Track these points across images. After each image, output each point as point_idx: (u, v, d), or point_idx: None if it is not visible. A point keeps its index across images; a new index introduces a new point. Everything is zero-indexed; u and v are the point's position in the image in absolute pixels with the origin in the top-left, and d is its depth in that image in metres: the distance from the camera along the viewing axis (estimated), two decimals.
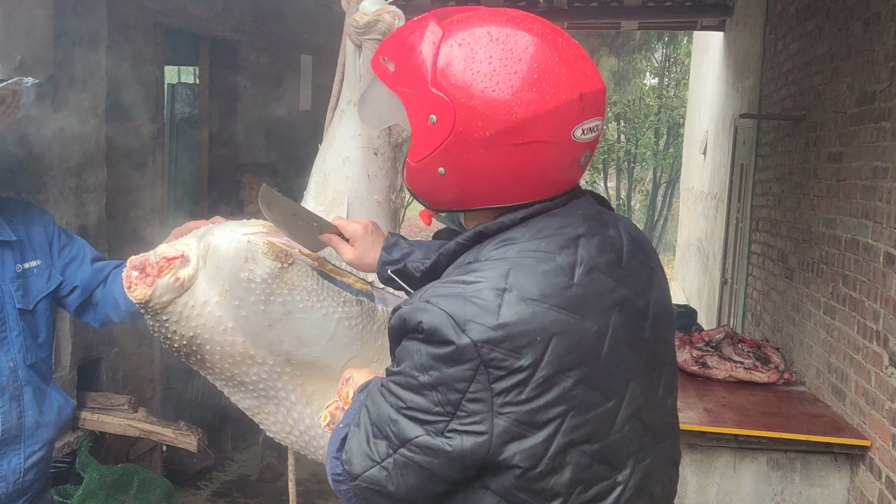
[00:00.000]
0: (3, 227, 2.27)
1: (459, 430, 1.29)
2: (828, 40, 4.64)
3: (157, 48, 4.60)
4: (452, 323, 1.27)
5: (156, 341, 4.72)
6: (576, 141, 1.34)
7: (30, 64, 3.29)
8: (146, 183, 4.60)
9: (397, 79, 1.39)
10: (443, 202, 1.44)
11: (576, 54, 1.35)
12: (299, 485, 5.15)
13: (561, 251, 1.34)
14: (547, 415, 1.30)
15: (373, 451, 1.35)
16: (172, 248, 1.99)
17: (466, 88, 1.30)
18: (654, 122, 20.91)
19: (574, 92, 1.31)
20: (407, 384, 1.32)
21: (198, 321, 1.97)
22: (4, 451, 2.26)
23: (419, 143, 1.38)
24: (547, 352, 1.28)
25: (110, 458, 4.03)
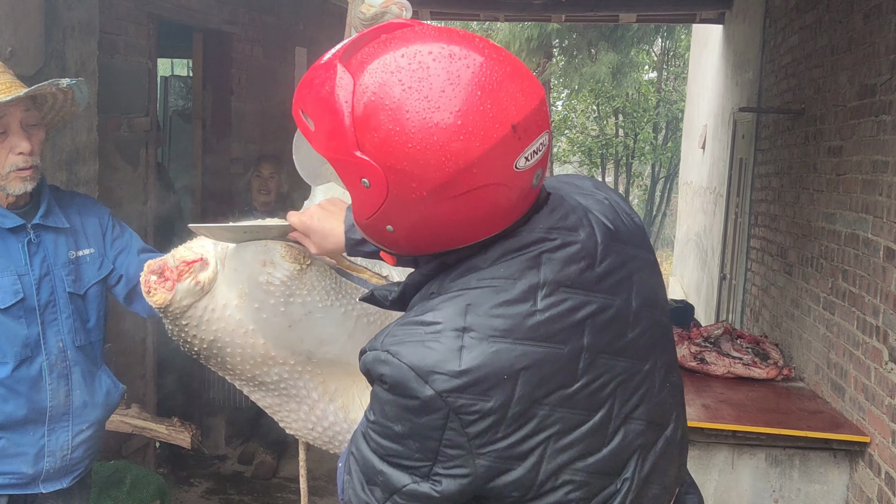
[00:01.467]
0: (59, 216, 2.41)
1: (443, 474, 1.28)
2: (828, 33, 4.60)
3: (150, 40, 4.55)
4: (415, 376, 1.24)
5: (149, 337, 4.70)
6: (520, 171, 1.24)
7: (21, 55, 3.25)
8: (139, 176, 4.56)
9: (320, 141, 1.29)
10: (402, 251, 1.38)
11: (501, 77, 1.22)
12: (294, 482, 5.14)
13: (522, 275, 1.29)
14: (528, 445, 1.28)
15: (370, 498, 1.34)
16: (191, 252, 1.99)
17: (390, 150, 1.20)
18: (652, 116, 20.90)
19: (505, 126, 1.20)
20: (384, 433, 1.30)
21: (218, 324, 1.98)
22: (53, 427, 2.38)
23: (359, 205, 1.32)
24: (516, 388, 1.25)
25: (103, 454, 4.00)
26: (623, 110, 21.13)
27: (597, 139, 21.46)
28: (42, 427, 2.36)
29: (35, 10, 3.34)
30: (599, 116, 21.44)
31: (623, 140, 21.54)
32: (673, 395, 1.48)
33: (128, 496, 3.70)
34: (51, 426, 2.38)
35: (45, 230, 2.37)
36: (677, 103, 19.73)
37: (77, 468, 2.47)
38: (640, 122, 20.93)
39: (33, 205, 2.37)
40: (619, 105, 20.77)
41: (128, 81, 4.38)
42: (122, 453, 4.32)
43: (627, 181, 22.01)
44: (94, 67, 3.84)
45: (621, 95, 19.81)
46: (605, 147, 21.47)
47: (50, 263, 2.37)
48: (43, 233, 2.37)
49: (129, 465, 3.86)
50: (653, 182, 21.85)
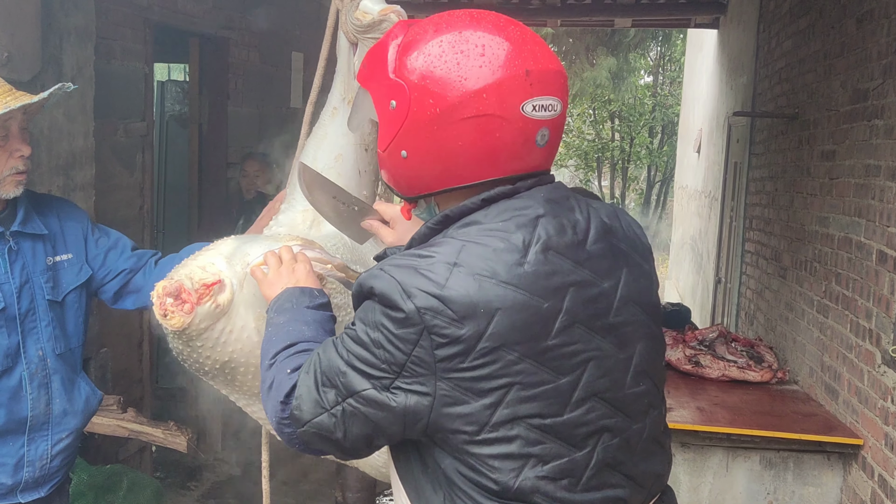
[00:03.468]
0: (37, 222, 2.37)
1: (403, 388, 1.36)
2: (821, 38, 4.62)
3: (147, 45, 4.57)
4: (400, 289, 1.35)
5: (145, 341, 4.71)
6: (526, 116, 1.39)
7: (18, 60, 3.26)
8: (135, 181, 4.57)
9: (366, 76, 1.52)
10: (411, 187, 1.51)
11: (525, 37, 1.42)
12: (290, 485, 5.14)
13: (518, 230, 1.39)
14: (489, 384, 1.35)
15: (322, 398, 1.42)
16: (208, 273, 1.96)
17: (418, 70, 1.40)
18: (648, 120, 20.93)
19: (519, 67, 1.38)
20: (358, 339, 1.39)
21: (235, 346, 1.97)
22: (33, 437, 2.34)
23: (384, 130, 1.47)
24: (491, 324, 1.33)
25: (99, 458, 4.01)
26: (619, 114, 21.16)
27: (593, 143, 21.49)
28: (22, 437, 2.32)
29: (32, 16, 3.36)
30: (595, 120, 21.47)
31: (619, 144, 21.57)
32: (648, 399, 1.51)
33: (124, 500, 3.70)
34: (31, 436, 2.33)
35: (23, 237, 2.33)
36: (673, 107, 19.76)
37: (55, 476, 2.43)
38: (636, 126, 20.96)
39: (10, 212, 2.32)
40: (616, 109, 20.80)
41: (124, 86, 4.39)
42: (118, 457, 4.33)
43: (623, 185, 22.03)
44: (91, 72, 3.86)
45: (618, 100, 19.83)
46: (602, 151, 21.50)
47: (29, 271, 2.33)
48: (21, 240, 2.32)
49: (126, 470, 3.87)
50: (648, 186, 21.88)
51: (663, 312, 3.87)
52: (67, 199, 2.68)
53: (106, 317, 4.02)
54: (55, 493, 2.46)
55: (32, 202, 2.40)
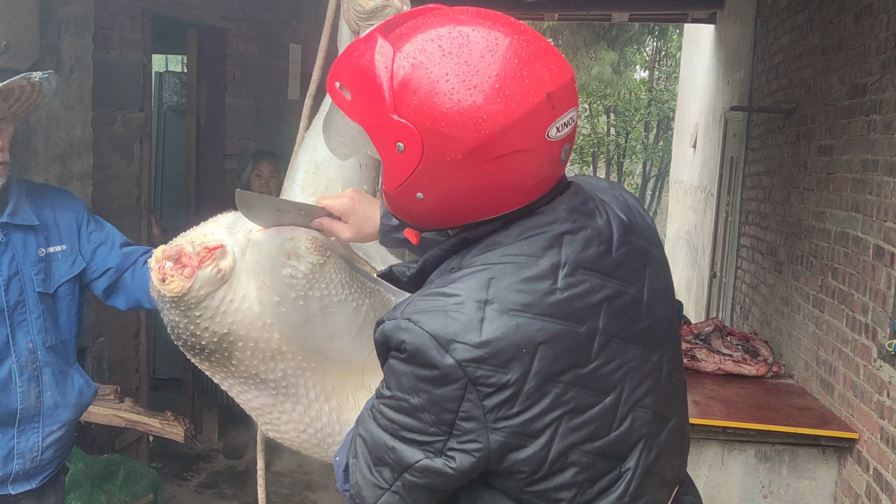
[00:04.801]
0: (28, 213, 2.33)
1: (457, 449, 1.28)
2: (819, 33, 4.63)
3: (145, 35, 4.56)
4: (436, 344, 1.25)
5: (142, 331, 4.70)
6: (552, 141, 1.28)
7: (15, 49, 3.25)
8: (133, 171, 4.56)
9: (357, 109, 1.32)
10: (426, 224, 1.39)
11: (536, 50, 1.27)
12: (287, 476, 5.15)
13: (544, 253, 1.31)
14: (542, 422, 1.29)
15: (378, 479, 1.34)
16: (210, 238, 1.88)
17: (428, 112, 1.23)
18: (644, 115, 20.93)
19: (540, 93, 1.25)
20: (399, 407, 1.30)
21: (234, 316, 1.88)
22: (23, 429, 2.32)
23: (392, 171, 1.32)
24: (534, 362, 1.27)
25: (96, 448, 4.01)
26: (615, 109, 21.16)
27: (588, 137, 21.50)
28: (11, 429, 2.31)
29: (30, 5, 3.35)
30: (591, 115, 21.47)
31: (614, 139, 21.57)
32: (677, 391, 1.50)
33: (121, 490, 3.70)
34: (21, 428, 2.32)
35: (13, 228, 2.29)
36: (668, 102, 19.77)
37: (47, 468, 2.42)
38: (632, 121, 20.96)
39: (0, 202, 2.29)
40: (611, 104, 20.80)
41: (122, 76, 4.38)
42: (115, 447, 4.33)
43: (619, 180, 22.03)
44: (89, 62, 3.85)
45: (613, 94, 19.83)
46: (597, 145, 21.49)
47: (19, 263, 2.29)
48: (12, 231, 2.29)
49: (123, 459, 3.87)
50: (644, 181, 21.89)
51: None
52: (64, 189, 2.65)
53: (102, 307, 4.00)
54: (48, 485, 2.45)
55: (26, 192, 2.37)
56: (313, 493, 4.98)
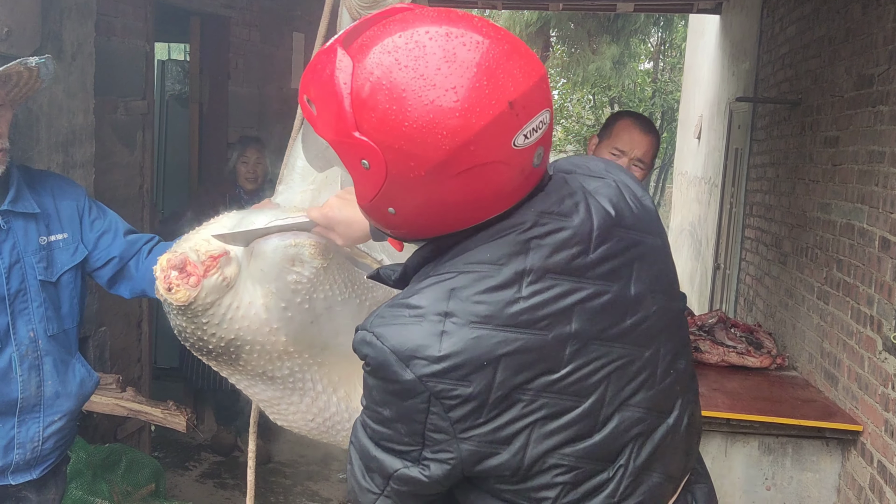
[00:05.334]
0: (29, 200, 2.30)
1: (431, 458, 1.30)
2: (826, 23, 4.60)
3: (148, 23, 4.54)
4: (396, 359, 1.25)
5: (144, 321, 4.70)
6: (520, 149, 1.23)
7: (17, 36, 3.23)
8: (135, 160, 4.55)
9: (322, 124, 1.28)
10: (405, 235, 1.38)
11: (498, 56, 1.21)
12: (288, 466, 5.15)
13: (509, 260, 1.28)
14: (512, 429, 1.29)
15: (370, 485, 1.37)
16: (214, 245, 1.88)
17: (387, 130, 1.19)
18: (648, 106, 20.87)
19: (501, 103, 1.19)
20: (375, 418, 1.32)
21: (241, 323, 1.90)
22: (24, 419, 2.31)
23: (361, 187, 1.30)
24: (496, 374, 1.25)
25: (98, 437, 4.01)
26: (619, 100, 21.10)
27: (592, 129, 21.45)
28: (12, 419, 2.29)
29: None
30: (595, 106, 21.42)
31: None
32: (679, 382, 1.45)
33: (123, 479, 3.71)
34: (21, 418, 2.30)
35: (14, 216, 2.27)
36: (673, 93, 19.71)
37: (48, 459, 2.40)
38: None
39: (1, 190, 2.27)
40: (615, 95, 20.75)
41: (125, 64, 4.36)
42: (116, 437, 4.33)
43: None
44: (91, 49, 3.82)
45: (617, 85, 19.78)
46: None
47: (20, 251, 2.27)
48: (13, 219, 2.27)
49: (125, 449, 3.87)
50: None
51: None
52: (64, 176, 2.62)
53: (105, 296, 4.00)
54: (49, 475, 2.44)
55: (27, 179, 2.35)
56: (315, 483, 4.98)
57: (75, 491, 3.42)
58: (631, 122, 3.22)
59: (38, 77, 2.25)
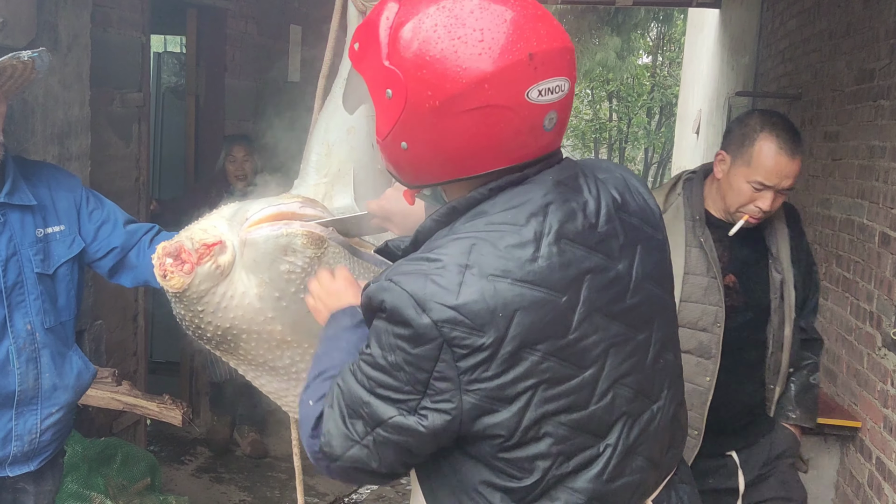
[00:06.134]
0: (25, 192, 2.30)
1: (430, 408, 1.31)
2: (826, 17, 4.58)
3: (144, 14, 4.50)
4: (413, 303, 1.28)
5: (140, 314, 4.68)
6: (532, 103, 1.31)
7: (12, 26, 3.20)
8: (131, 152, 4.52)
9: (359, 57, 1.41)
10: (414, 177, 1.43)
11: (529, 15, 1.32)
12: (285, 461, 5.13)
13: (528, 221, 1.33)
14: (515, 389, 1.31)
15: (351, 431, 1.37)
16: (209, 234, 1.92)
17: (413, 59, 1.30)
18: (646, 100, 20.86)
19: (522, 52, 1.29)
20: (376, 364, 1.33)
21: (236, 312, 1.93)
22: (21, 411, 2.31)
23: (381, 120, 1.38)
24: (510, 328, 1.29)
25: (93, 431, 3.99)
26: (617, 94, 21.09)
27: (590, 123, 21.43)
28: (10, 411, 2.29)
29: None
30: (593, 100, 21.41)
31: (617, 124, 21.51)
32: (667, 373, 1.49)
33: (118, 473, 3.69)
34: (19, 410, 2.30)
35: (10, 208, 2.26)
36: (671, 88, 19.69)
37: (46, 451, 2.41)
38: (634, 107, 20.89)
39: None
40: (614, 89, 20.73)
41: (121, 56, 4.33)
42: (112, 430, 4.31)
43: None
44: (87, 41, 3.79)
45: (616, 80, 19.76)
46: (599, 131, 21.43)
47: (17, 243, 2.27)
48: (9, 211, 2.26)
49: (120, 443, 3.85)
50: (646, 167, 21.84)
51: None
52: (60, 167, 2.60)
53: (101, 289, 3.98)
54: (46, 467, 2.44)
55: (22, 171, 2.34)
56: (311, 477, 4.96)
57: (71, 485, 3.40)
58: (776, 146, 2.40)
59: (34, 69, 2.23)
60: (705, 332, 2.45)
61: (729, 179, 2.47)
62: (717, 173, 2.53)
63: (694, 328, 2.45)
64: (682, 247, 2.46)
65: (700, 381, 2.46)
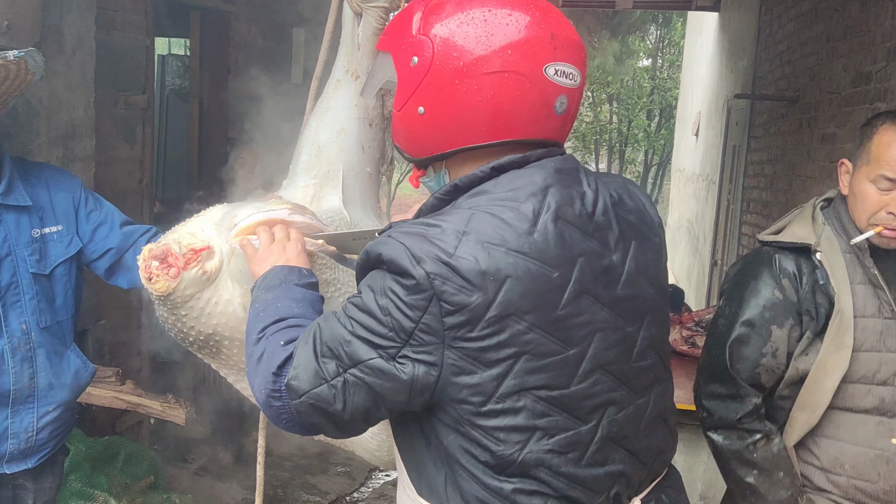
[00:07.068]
0: (21, 193, 2.31)
1: (411, 357, 1.35)
2: (824, 21, 4.61)
3: (148, 17, 4.53)
4: (409, 255, 1.33)
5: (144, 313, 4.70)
6: (548, 79, 1.39)
7: (17, 29, 3.24)
8: (135, 154, 4.55)
9: (387, 38, 1.52)
10: (424, 147, 1.48)
11: (550, 8, 1.44)
12: (287, 459, 5.16)
13: (528, 199, 1.38)
14: (497, 354, 1.34)
15: (322, 369, 1.39)
16: (197, 239, 1.90)
17: (445, 27, 1.40)
18: (646, 103, 20.89)
19: (545, 30, 1.39)
20: (364, 307, 1.37)
21: (220, 319, 1.93)
22: (17, 409, 2.33)
23: (402, 88, 1.46)
24: (500, 293, 1.32)
25: (96, 430, 4.01)
26: (617, 97, 21.12)
27: (591, 125, 21.46)
28: (5, 409, 2.31)
29: None
30: (594, 103, 21.44)
31: (617, 126, 21.54)
32: (653, 372, 1.51)
33: (121, 472, 3.71)
34: (14, 408, 2.32)
35: (5, 209, 2.28)
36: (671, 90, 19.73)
37: (44, 448, 2.42)
38: (634, 109, 20.92)
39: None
40: (614, 92, 20.76)
41: (125, 58, 4.36)
42: (115, 429, 4.34)
43: (620, 168, 22.02)
44: (92, 43, 3.83)
45: (616, 82, 19.79)
46: (599, 133, 21.47)
47: (12, 243, 2.28)
48: (4, 212, 2.27)
49: (123, 442, 3.88)
50: (645, 169, 21.86)
51: None
52: (59, 168, 2.63)
53: (103, 288, 4.01)
54: (45, 465, 2.46)
55: (21, 172, 2.35)
56: (313, 476, 4.99)
57: (74, 483, 3.43)
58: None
59: (28, 70, 2.21)
60: (886, 387, 2.05)
61: (853, 188, 2.08)
62: (843, 187, 2.14)
63: (871, 382, 2.06)
64: (846, 284, 2.07)
65: (884, 445, 2.07)
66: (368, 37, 2.15)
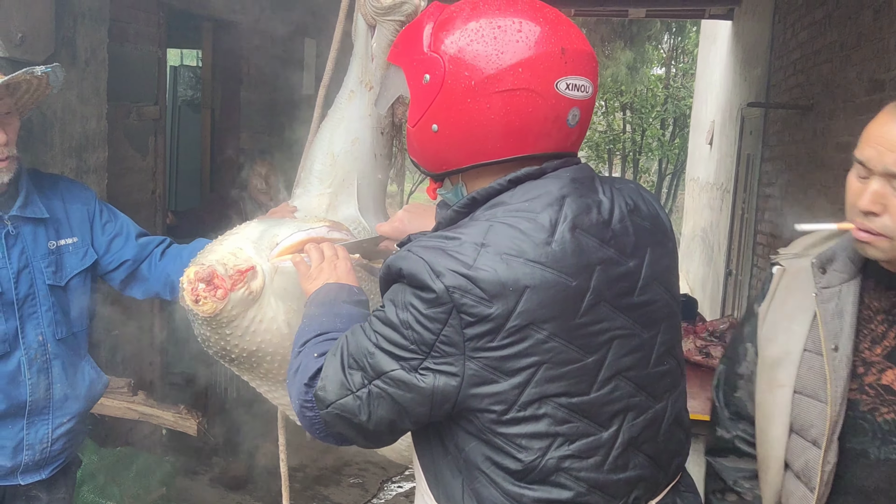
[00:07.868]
0: (38, 205, 2.32)
1: (432, 369, 1.36)
2: (837, 29, 4.59)
3: (160, 28, 4.56)
4: (428, 269, 1.35)
5: (157, 324, 4.72)
6: (560, 94, 1.40)
7: (31, 41, 3.26)
8: (148, 165, 4.57)
9: (399, 52, 1.52)
10: (439, 163, 1.50)
11: (560, 18, 1.44)
12: (299, 471, 5.15)
13: (544, 209, 1.39)
14: (518, 363, 1.35)
15: (348, 380, 1.42)
16: (240, 259, 1.93)
17: (455, 45, 1.41)
18: (660, 112, 20.86)
19: (555, 45, 1.39)
20: (386, 320, 1.40)
21: (264, 336, 1.96)
22: (32, 421, 2.33)
23: (416, 105, 1.47)
24: (519, 303, 1.33)
25: (109, 441, 4.03)
26: (631, 106, 21.09)
27: (604, 134, 21.44)
28: (21, 421, 2.32)
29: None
30: (607, 111, 21.42)
31: (630, 136, 21.51)
32: (670, 377, 1.52)
33: (134, 483, 3.72)
34: (30, 420, 2.33)
35: (23, 221, 2.29)
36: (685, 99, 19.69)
37: (58, 459, 2.43)
38: (648, 118, 20.89)
39: (10, 195, 2.27)
40: (627, 101, 20.74)
41: (137, 70, 4.39)
42: (128, 440, 4.35)
43: (634, 177, 21.97)
44: (105, 55, 3.85)
45: (630, 91, 19.77)
46: (613, 142, 21.43)
47: (29, 255, 2.29)
48: (21, 224, 2.28)
49: (136, 452, 3.89)
50: (659, 178, 21.81)
51: None
52: (75, 180, 2.65)
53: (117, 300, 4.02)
54: (59, 475, 2.47)
55: (36, 184, 2.37)
56: (325, 487, 4.98)
57: (87, 494, 3.43)
58: (892, 116, 1.60)
59: (48, 84, 2.26)
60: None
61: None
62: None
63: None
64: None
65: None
66: (382, 48, 2.17)
